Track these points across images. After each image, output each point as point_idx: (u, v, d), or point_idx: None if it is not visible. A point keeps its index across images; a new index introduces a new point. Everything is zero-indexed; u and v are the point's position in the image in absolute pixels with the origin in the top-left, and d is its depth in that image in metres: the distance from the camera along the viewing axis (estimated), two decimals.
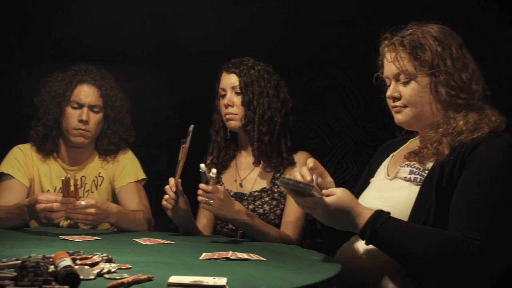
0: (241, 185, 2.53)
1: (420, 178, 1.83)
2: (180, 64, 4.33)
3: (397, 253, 1.70)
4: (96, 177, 2.69)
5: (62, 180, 2.20)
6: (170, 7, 3.86)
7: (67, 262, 1.37)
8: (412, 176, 1.86)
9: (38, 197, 2.20)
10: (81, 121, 2.60)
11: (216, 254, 1.80)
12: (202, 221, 2.57)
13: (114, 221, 2.40)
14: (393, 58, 1.88)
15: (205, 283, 1.36)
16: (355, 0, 4.14)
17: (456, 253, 1.64)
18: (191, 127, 2.29)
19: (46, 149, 2.66)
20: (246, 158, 2.57)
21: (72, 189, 2.21)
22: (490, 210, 1.67)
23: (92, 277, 1.41)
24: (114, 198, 2.68)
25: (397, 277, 1.77)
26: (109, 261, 1.57)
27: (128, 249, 1.93)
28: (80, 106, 2.62)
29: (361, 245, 1.84)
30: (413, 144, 2.01)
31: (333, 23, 4.27)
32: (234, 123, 2.50)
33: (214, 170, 2.14)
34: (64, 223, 2.57)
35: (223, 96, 2.53)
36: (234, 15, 4.05)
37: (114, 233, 2.45)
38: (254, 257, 1.79)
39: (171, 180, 2.26)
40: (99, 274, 1.44)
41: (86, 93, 2.63)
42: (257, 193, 2.47)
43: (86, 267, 1.46)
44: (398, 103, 1.89)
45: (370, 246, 1.74)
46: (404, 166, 1.91)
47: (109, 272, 1.46)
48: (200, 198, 2.16)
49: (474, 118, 1.81)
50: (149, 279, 1.40)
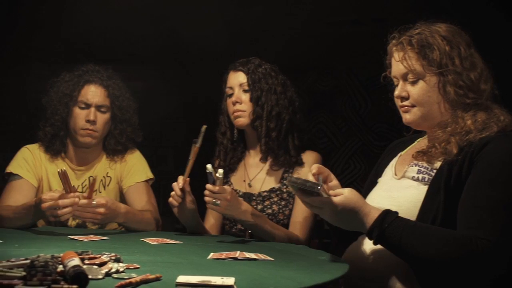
0: (249, 185, 2.53)
1: (428, 178, 1.82)
2: (190, 65, 4.33)
3: (405, 253, 1.69)
4: (104, 177, 2.70)
5: (58, 172, 2.22)
6: (181, 9, 3.86)
7: (76, 261, 1.37)
8: (420, 175, 1.85)
9: (43, 196, 2.21)
10: (88, 121, 2.61)
11: (224, 254, 1.80)
12: (210, 221, 2.57)
13: (122, 221, 2.40)
14: (401, 58, 1.87)
15: (213, 283, 1.36)
16: (362, 0, 4.13)
17: (464, 253, 1.63)
18: (204, 127, 2.29)
19: (54, 149, 2.67)
20: (254, 158, 2.57)
21: (72, 184, 2.24)
22: (499, 209, 1.66)
23: (100, 276, 1.41)
24: (122, 198, 2.68)
25: (405, 277, 1.76)
26: (117, 260, 1.57)
27: (136, 249, 1.93)
28: (87, 106, 2.63)
29: (368, 245, 1.83)
30: (421, 143, 2.00)
31: (340, 23, 4.27)
32: (243, 120, 2.50)
33: (220, 171, 2.14)
34: (72, 223, 2.58)
35: (230, 95, 2.53)
36: (241, 16, 4.05)
37: (122, 233, 2.46)
38: (262, 257, 1.79)
39: (180, 178, 2.27)
40: (108, 274, 1.44)
41: (93, 93, 2.64)
42: (266, 193, 2.47)
43: (95, 267, 1.46)
44: (406, 103, 1.89)
45: (378, 246, 1.74)
46: (412, 166, 1.90)
47: (117, 271, 1.46)
48: (207, 199, 2.16)
49: (483, 118, 1.80)
50: (157, 279, 1.40)
